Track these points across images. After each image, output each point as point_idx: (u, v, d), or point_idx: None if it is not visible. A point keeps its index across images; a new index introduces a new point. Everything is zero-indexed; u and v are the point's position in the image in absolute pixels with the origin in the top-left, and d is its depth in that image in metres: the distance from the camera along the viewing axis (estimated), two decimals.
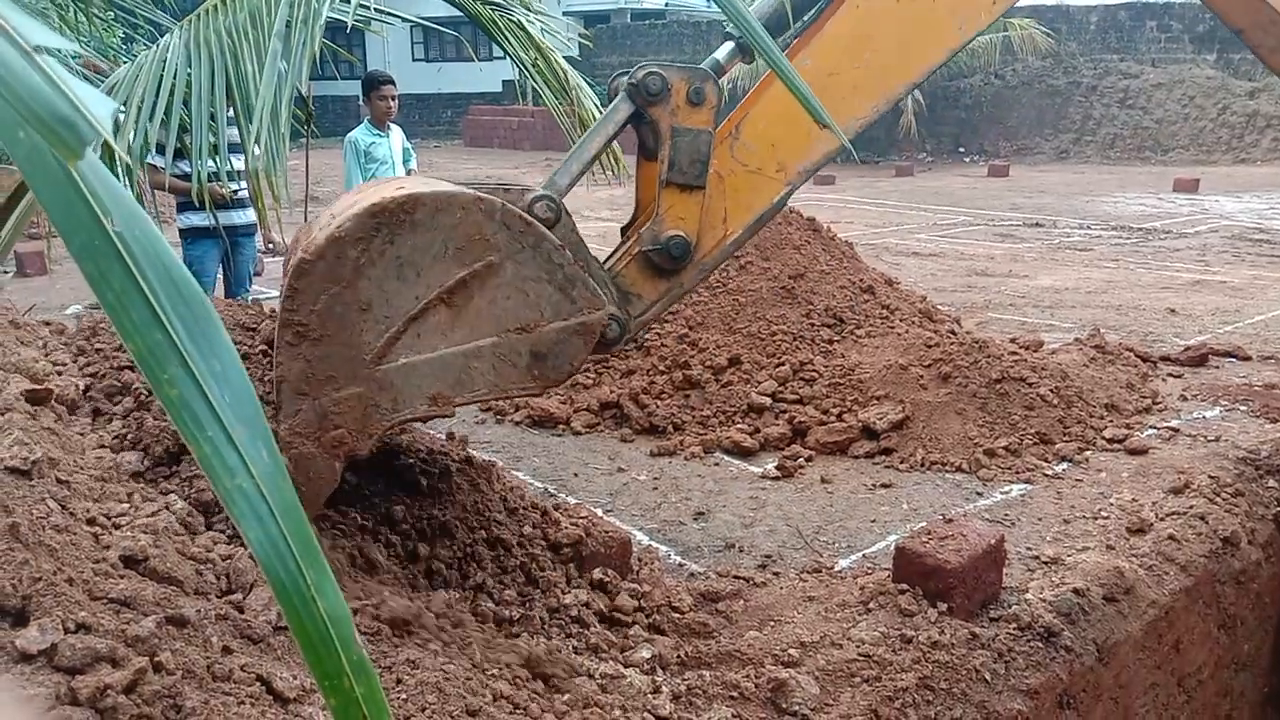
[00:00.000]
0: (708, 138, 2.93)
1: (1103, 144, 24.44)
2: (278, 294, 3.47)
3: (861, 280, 6.45)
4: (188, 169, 4.92)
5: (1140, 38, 25.18)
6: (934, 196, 17.69)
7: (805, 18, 3.15)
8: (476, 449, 5.06)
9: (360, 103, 7.08)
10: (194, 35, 4.24)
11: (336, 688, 0.58)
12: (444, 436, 3.73)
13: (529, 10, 4.93)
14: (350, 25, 3.98)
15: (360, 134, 6.85)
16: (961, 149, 25.34)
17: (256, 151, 3.53)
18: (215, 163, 4.48)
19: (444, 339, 2.63)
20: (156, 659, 1.75)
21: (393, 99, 6.71)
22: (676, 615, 3.33)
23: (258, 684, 1.88)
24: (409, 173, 7.19)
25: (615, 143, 3.34)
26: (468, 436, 5.33)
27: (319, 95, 30.94)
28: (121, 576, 1.98)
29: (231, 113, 4.06)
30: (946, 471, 4.83)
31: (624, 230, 3.13)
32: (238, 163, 5.20)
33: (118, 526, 2.20)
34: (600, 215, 16.16)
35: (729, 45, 3.09)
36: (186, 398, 0.56)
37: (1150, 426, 5.35)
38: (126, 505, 2.32)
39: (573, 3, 35.20)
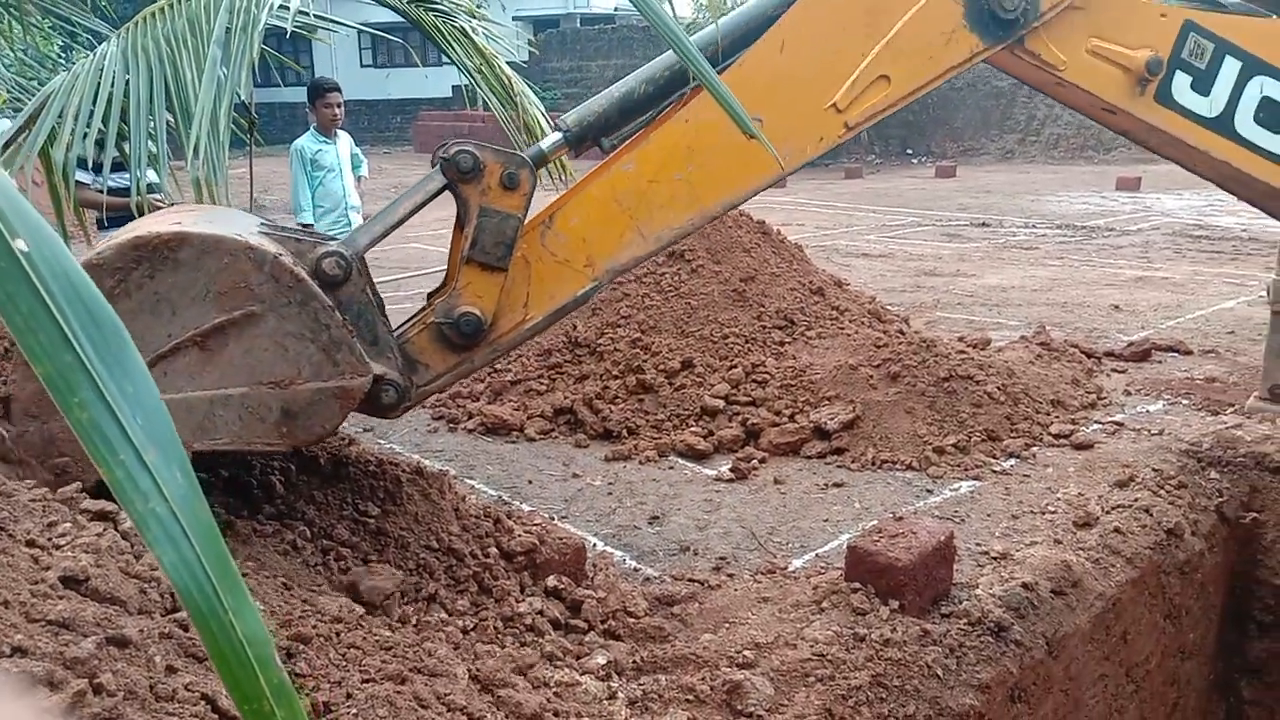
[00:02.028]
0: (515, 222, 2.93)
1: (1046, 144, 24.87)
2: None
3: (811, 282, 6.50)
4: (118, 183, 4.82)
5: None
6: (883, 198, 17.88)
7: (640, 119, 3.17)
8: (428, 458, 5.04)
9: (307, 110, 7.00)
10: (132, 43, 4.18)
11: (257, 711, 0.57)
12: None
13: (473, 16, 4.92)
14: (290, 32, 3.93)
15: (306, 142, 6.78)
16: (909, 151, 25.64)
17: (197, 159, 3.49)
18: (155, 173, 4.41)
19: (192, 382, 2.60)
20: (97, 680, 1.71)
21: (338, 106, 6.65)
22: (632, 620, 3.32)
23: (203, 703, 1.85)
24: (359, 179, 7.13)
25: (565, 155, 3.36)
26: (420, 445, 5.32)
27: (265, 102, 30.61)
28: (61, 597, 1.94)
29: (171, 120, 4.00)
30: (897, 470, 4.88)
31: (430, 296, 3.11)
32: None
33: (58, 547, 2.16)
34: None
35: (556, 136, 3.12)
36: (98, 421, 0.55)
37: (1095, 421, 5.45)
38: (70, 524, 2.28)
39: (522, 8, 35.10)
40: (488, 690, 2.58)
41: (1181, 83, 3.58)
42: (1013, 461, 4.93)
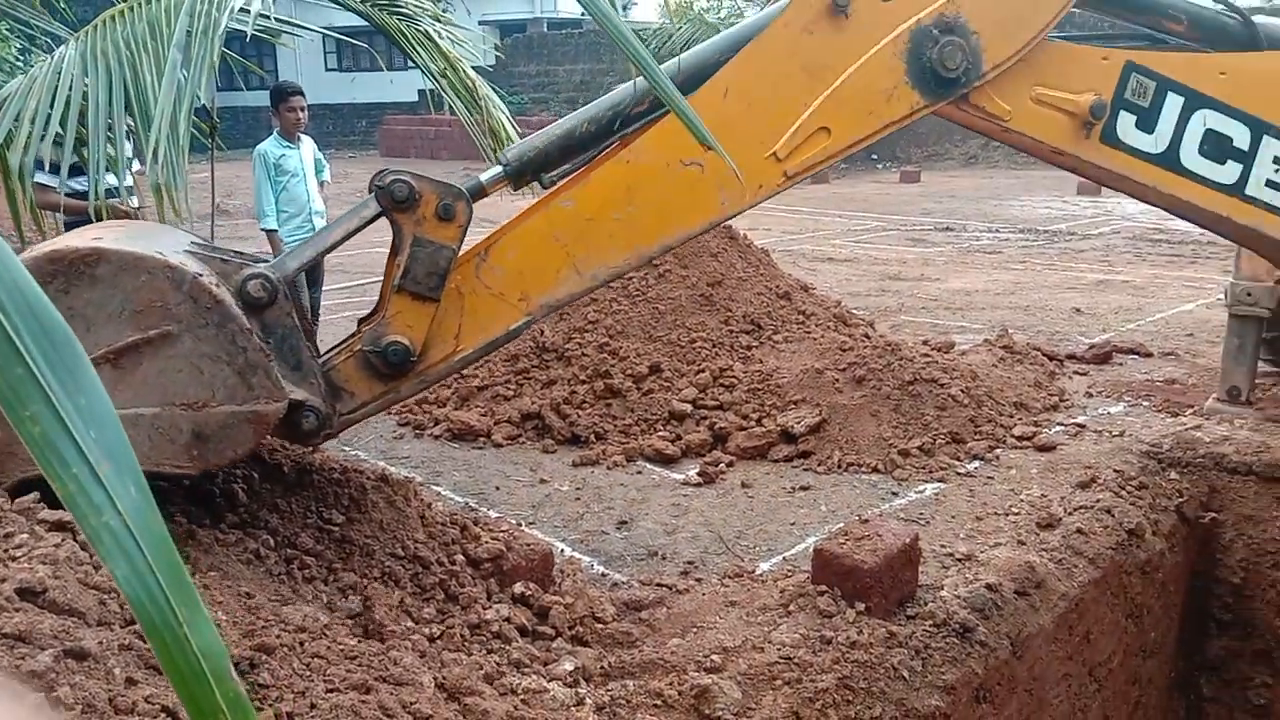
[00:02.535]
0: (449, 253, 2.92)
1: (1009, 149, 25.07)
2: None
3: (778, 286, 6.53)
4: (80, 186, 4.76)
5: None
6: (848, 203, 18.01)
7: (581, 156, 3.17)
8: (395, 465, 5.01)
9: (271, 114, 6.94)
10: (90, 46, 4.13)
11: None
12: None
13: (437, 20, 4.90)
14: (249, 35, 3.90)
15: (270, 146, 6.71)
16: (874, 156, 25.82)
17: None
18: (115, 177, 4.36)
19: None
20: (54, 694, 1.69)
21: (302, 110, 6.59)
22: (600, 626, 3.32)
23: (163, 715, 1.82)
24: (321, 184, 7.07)
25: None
26: (386, 451, 5.28)
27: (228, 106, 30.27)
28: (18, 610, 1.90)
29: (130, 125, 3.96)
30: (862, 472, 4.91)
31: (360, 322, 3.09)
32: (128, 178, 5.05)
33: (14, 559, 2.12)
34: None
35: (496, 170, 3.12)
36: (50, 435, 0.55)
37: (1058, 423, 5.52)
38: (27, 535, 2.24)
39: (488, 12, 35.03)
40: (454, 698, 2.56)
41: (1126, 122, 3.62)
42: (977, 463, 4.98)
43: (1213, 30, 3.82)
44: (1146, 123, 3.64)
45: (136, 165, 4.95)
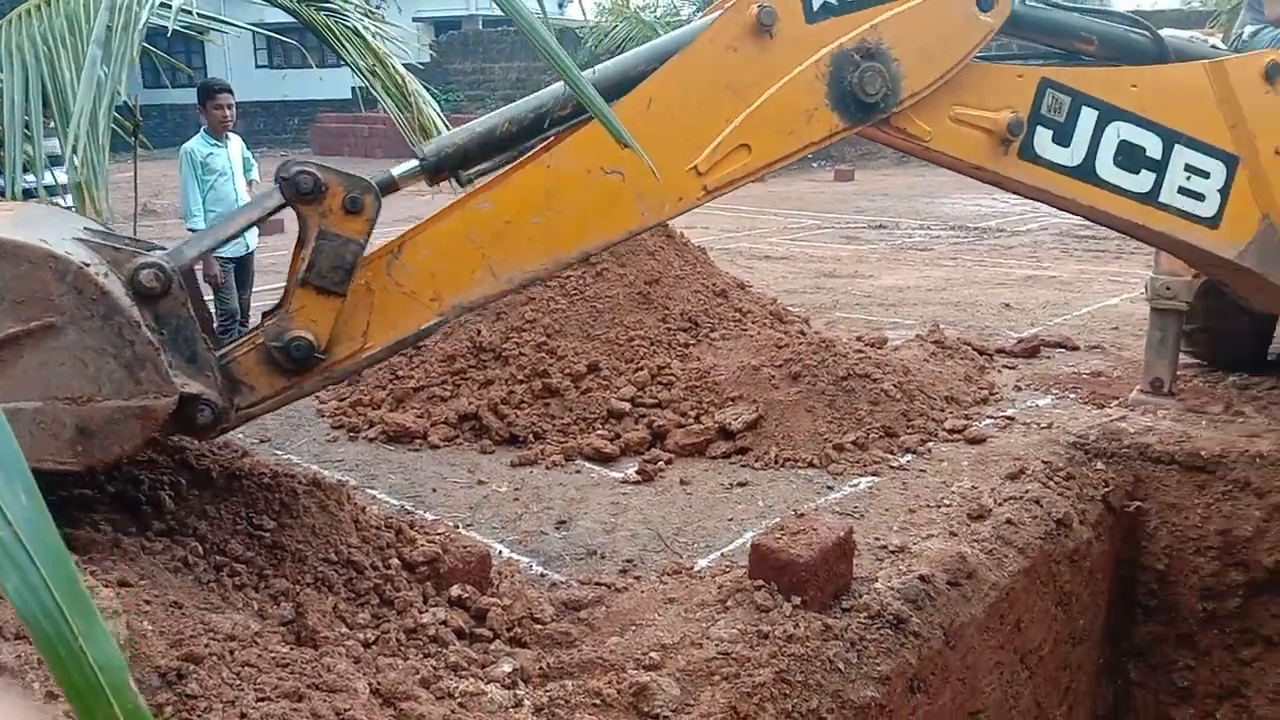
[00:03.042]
0: (356, 248, 2.86)
1: None
2: None
3: (715, 284, 6.57)
4: None
5: None
6: (784, 201, 18.17)
7: (502, 155, 3.15)
8: (328, 468, 4.94)
9: (200, 112, 6.79)
10: (5, 42, 4.00)
11: None
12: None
13: (365, 16, 4.83)
14: (171, 31, 3.81)
15: (197, 144, 6.58)
16: (809, 155, 26.07)
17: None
18: (33, 176, 4.23)
19: None
20: None
21: (228, 107, 6.46)
22: (538, 626, 3.31)
23: None
24: (250, 183, 6.95)
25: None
26: (319, 455, 5.20)
27: (156, 104, 29.57)
28: None
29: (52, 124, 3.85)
30: (799, 467, 4.96)
31: (264, 315, 3.03)
32: (61, 176, 4.91)
33: None
34: None
35: (412, 164, 3.08)
36: None
37: (988, 416, 5.63)
38: None
39: (423, 9, 34.67)
40: (390, 704, 2.53)
41: (1043, 137, 3.70)
42: (909, 457, 5.06)
43: (1123, 47, 3.93)
44: (1063, 137, 3.73)
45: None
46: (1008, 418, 5.59)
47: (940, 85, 3.44)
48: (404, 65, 5.52)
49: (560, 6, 34.02)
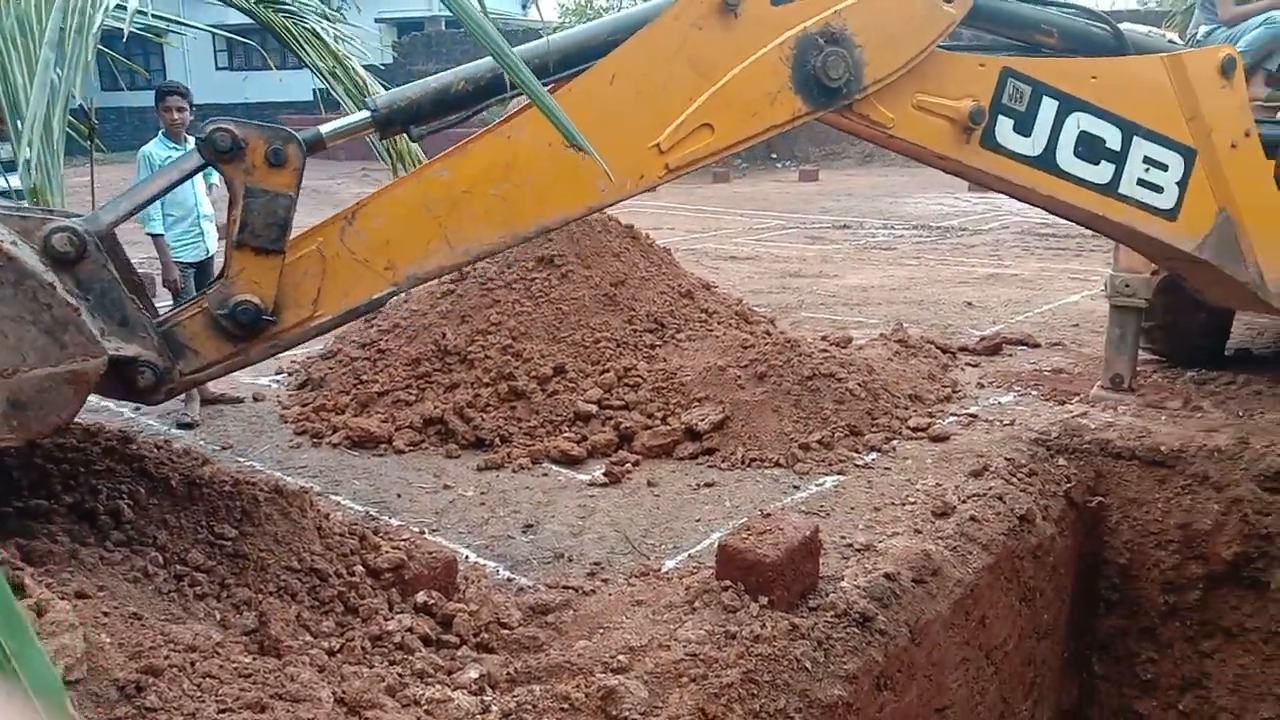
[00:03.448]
0: (286, 201, 2.82)
1: None
2: None
3: (681, 285, 6.58)
4: None
5: None
6: (750, 201, 18.24)
7: (451, 117, 3.11)
8: (291, 474, 4.89)
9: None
10: None
11: None
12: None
13: (324, 18, 4.79)
14: (127, 34, 3.76)
15: (154, 147, 6.47)
16: (774, 155, 26.22)
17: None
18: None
19: None
20: None
21: (179, 110, 6.35)
22: (505, 632, 3.29)
23: None
24: (209, 187, 6.86)
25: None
26: (282, 461, 5.15)
27: (114, 107, 29.14)
28: None
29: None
30: (765, 467, 4.98)
31: (207, 287, 2.98)
32: (15, 181, 4.82)
33: None
34: None
35: (363, 115, 3.04)
36: None
37: (951, 414, 5.67)
38: None
39: (385, 10, 34.45)
40: (355, 712, 2.50)
41: (1004, 126, 3.75)
42: (874, 455, 5.09)
43: (1083, 40, 3.98)
44: (1024, 126, 3.77)
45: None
46: (971, 415, 5.64)
47: (903, 73, 3.46)
48: (366, 66, 5.48)
49: (523, 8, 33.94)
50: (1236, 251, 4.42)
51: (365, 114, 3.04)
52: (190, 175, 2.90)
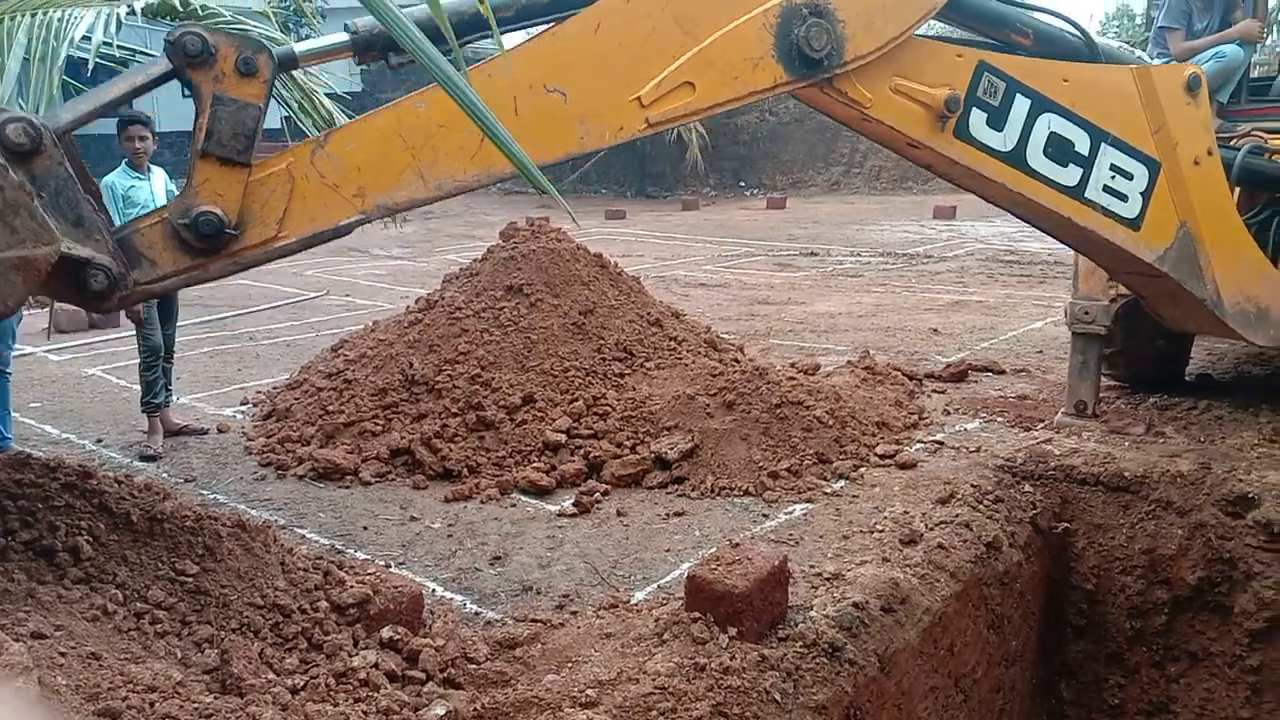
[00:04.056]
0: (255, 111, 2.79)
1: (869, 175, 26.11)
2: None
3: (649, 313, 6.59)
4: None
5: None
6: (718, 229, 18.35)
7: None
8: (256, 508, 4.83)
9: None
10: None
11: None
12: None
13: None
14: (93, 65, 3.74)
15: (117, 177, 6.41)
16: (743, 183, 26.43)
17: None
18: None
19: None
20: None
21: (139, 140, 6.30)
22: (472, 667, 3.25)
23: None
24: (168, 193, 6.79)
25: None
26: (246, 494, 5.09)
27: (79, 135, 28.77)
28: None
29: None
30: (735, 496, 4.98)
31: (168, 205, 2.93)
32: None
33: None
34: (391, 254, 15.84)
35: (341, 37, 2.99)
36: None
37: (918, 441, 5.71)
38: None
39: None
40: None
41: (978, 119, 3.86)
42: (842, 483, 5.11)
43: (1057, 45, 4.09)
44: (996, 121, 3.87)
45: None
46: (937, 442, 5.67)
47: (882, 54, 3.54)
48: (332, 96, 5.46)
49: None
50: (1196, 267, 4.51)
51: (344, 36, 2.99)
52: (157, 83, 2.80)
